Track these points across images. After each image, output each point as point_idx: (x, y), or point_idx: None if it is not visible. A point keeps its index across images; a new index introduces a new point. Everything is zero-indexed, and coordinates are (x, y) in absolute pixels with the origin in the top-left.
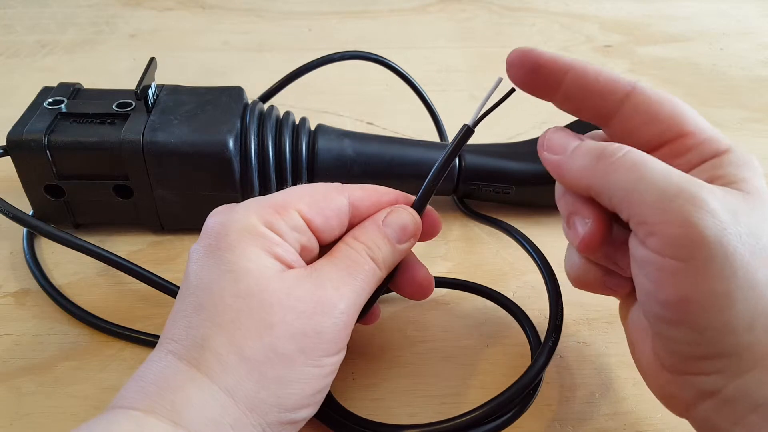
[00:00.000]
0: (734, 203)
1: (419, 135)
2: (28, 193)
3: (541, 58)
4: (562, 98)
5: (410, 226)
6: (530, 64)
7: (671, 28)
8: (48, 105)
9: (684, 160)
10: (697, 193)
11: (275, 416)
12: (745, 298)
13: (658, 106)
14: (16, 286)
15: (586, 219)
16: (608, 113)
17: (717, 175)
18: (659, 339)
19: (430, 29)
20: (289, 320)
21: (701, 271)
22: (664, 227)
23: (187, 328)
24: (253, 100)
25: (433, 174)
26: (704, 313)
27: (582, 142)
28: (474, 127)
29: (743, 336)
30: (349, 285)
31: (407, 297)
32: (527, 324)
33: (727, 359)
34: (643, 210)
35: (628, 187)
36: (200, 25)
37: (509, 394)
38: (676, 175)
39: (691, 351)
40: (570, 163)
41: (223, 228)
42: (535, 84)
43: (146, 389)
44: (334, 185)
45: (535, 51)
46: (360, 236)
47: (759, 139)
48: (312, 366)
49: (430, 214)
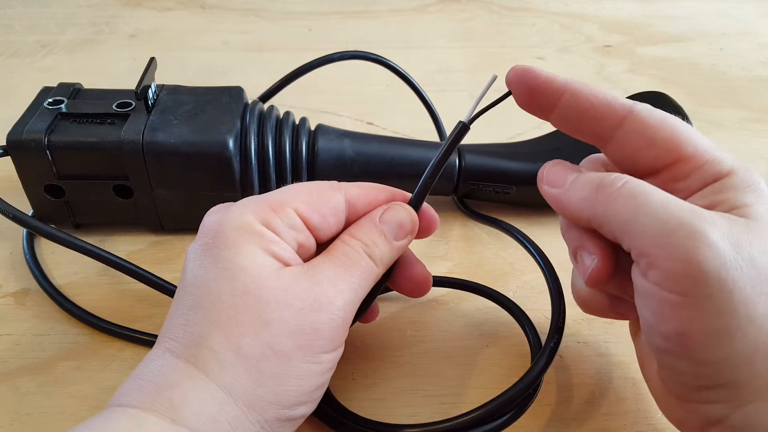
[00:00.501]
0: (736, 232)
1: (419, 135)
2: (28, 193)
3: (537, 79)
4: (558, 119)
5: (407, 223)
6: (526, 85)
7: (671, 28)
8: (48, 105)
9: (685, 184)
10: (697, 225)
11: (274, 413)
12: (744, 334)
13: (656, 130)
14: (16, 286)
15: (593, 255)
16: (605, 136)
17: (719, 200)
18: (663, 368)
19: (430, 29)
20: (286, 317)
21: (700, 307)
22: (664, 261)
23: (185, 326)
24: (253, 100)
25: (429, 171)
26: (703, 347)
27: (581, 174)
28: (469, 124)
29: (743, 369)
30: (347, 282)
31: (405, 294)
32: (527, 324)
33: (729, 390)
34: (643, 242)
35: (628, 218)
36: (200, 25)
37: (510, 395)
38: (675, 206)
39: (693, 381)
40: (570, 196)
41: (220, 227)
42: (532, 104)
43: (144, 387)
44: (331, 183)
45: (532, 72)
46: (357, 233)
47: (759, 139)
48: (310, 363)
49: (427, 211)
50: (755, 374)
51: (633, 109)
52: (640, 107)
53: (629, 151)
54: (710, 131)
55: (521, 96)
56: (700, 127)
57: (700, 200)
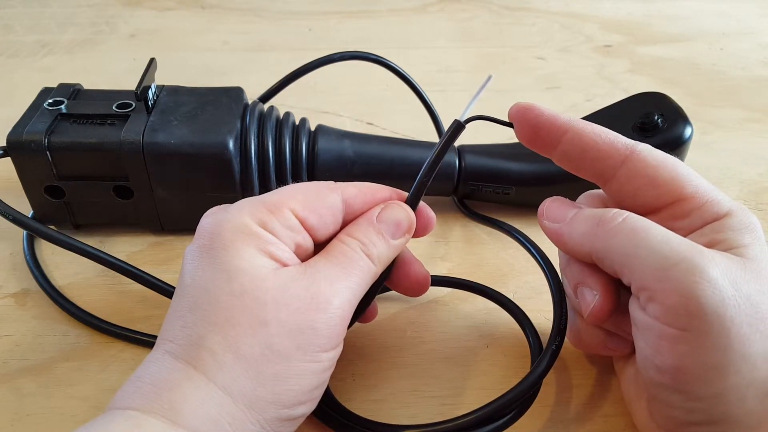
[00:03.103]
0: (734, 271)
1: (419, 135)
2: (28, 194)
3: (540, 117)
4: (560, 157)
5: (404, 221)
6: (529, 122)
7: (671, 28)
8: (48, 106)
9: (684, 223)
10: (698, 261)
11: (273, 413)
12: (738, 371)
13: (657, 170)
14: (16, 287)
15: (594, 291)
16: (607, 175)
17: (717, 239)
18: (655, 402)
19: (430, 29)
20: (283, 317)
21: (698, 342)
22: (664, 295)
23: (183, 327)
24: (253, 101)
25: (425, 169)
26: (698, 382)
27: (581, 210)
28: (464, 122)
29: (735, 406)
30: (344, 281)
31: (404, 293)
32: (527, 325)
33: (719, 427)
34: (643, 275)
35: (629, 252)
36: (200, 25)
37: (511, 396)
38: (676, 242)
39: (684, 417)
40: (570, 230)
41: (217, 228)
42: (535, 141)
43: (143, 389)
44: (327, 183)
45: (534, 110)
46: (354, 232)
47: (759, 139)
48: (308, 362)
49: (424, 210)
50: (746, 411)
51: (635, 149)
52: (641, 147)
53: (631, 189)
54: (710, 131)
55: (524, 133)
56: (700, 127)
57: (699, 238)
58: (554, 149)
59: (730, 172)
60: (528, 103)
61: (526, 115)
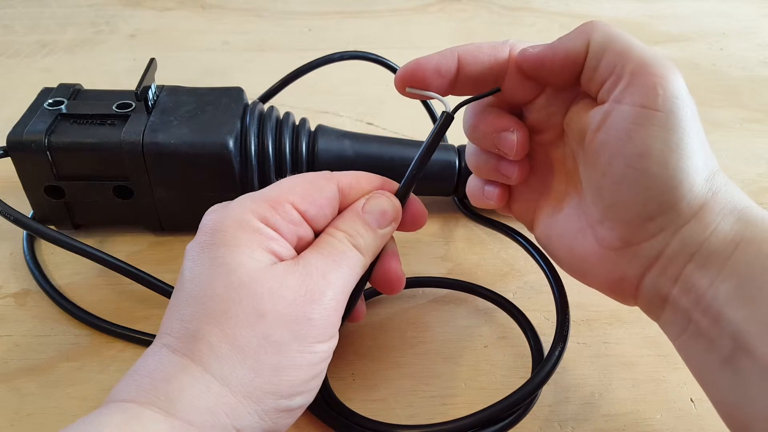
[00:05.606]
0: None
1: (419, 135)
2: (29, 194)
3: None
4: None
5: (389, 210)
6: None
7: (671, 28)
8: (48, 106)
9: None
10: (672, 64)
11: (271, 403)
12: (691, 153)
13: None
14: (16, 287)
15: (513, 130)
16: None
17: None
18: (610, 212)
19: (430, 29)
20: (279, 309)
21: (667, 122)
22: (648, 79)
23: (181, 321)
24: (253, 101)
25: (416, 162)
26: (659, 165)
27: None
28: (452, 112)
29: (685, 189)
30: (335, 272)
31: (377, 287)
32: (527, 325)
33: (669, 216)
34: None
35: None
36: (200, 25)
37: (512, 400)
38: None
39: (639, 211)
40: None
41: (219, 225)
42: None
43: (140, 382)
44: (323, 173)
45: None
46: (341, 225)
47: (759, 139)
48: (305, 352)
49: (415, 203)
50: (695, 195)
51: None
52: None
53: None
54: (710, 131)
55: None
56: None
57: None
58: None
59: (730, 172)
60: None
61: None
